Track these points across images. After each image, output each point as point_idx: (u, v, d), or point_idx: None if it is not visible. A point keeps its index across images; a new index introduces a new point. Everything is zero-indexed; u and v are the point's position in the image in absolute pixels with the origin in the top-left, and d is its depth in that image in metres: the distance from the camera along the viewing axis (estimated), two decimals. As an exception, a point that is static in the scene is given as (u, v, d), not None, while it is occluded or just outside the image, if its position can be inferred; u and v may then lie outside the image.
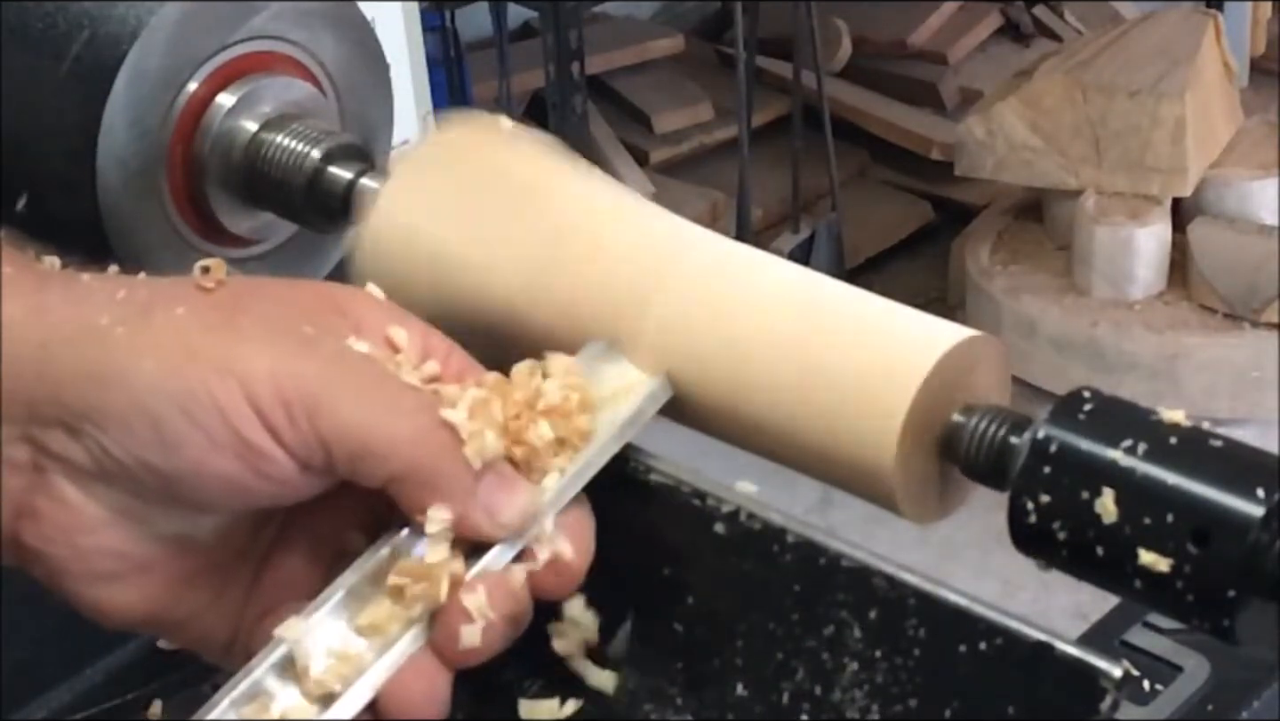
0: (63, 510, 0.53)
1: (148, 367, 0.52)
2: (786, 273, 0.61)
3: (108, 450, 0.53)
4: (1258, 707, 0.75)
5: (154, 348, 0.53)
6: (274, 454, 0.53)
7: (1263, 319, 2.70)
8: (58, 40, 0.70)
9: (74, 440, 0.53)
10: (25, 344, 0.53)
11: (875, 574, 0.53)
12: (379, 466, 0.53)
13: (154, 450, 0.52)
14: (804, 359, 0.57)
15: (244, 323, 0.54)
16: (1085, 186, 2.80)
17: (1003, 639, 0.51)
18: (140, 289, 0.55)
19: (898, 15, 3.67)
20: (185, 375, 0.52)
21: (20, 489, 0.54)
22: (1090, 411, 0.52)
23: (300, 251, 0.79)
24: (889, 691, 0.53)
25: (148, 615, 0.56)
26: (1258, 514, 0.48)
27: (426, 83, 1.64)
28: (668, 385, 0.59)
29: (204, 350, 0.53)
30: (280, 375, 0.53)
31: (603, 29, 3.57)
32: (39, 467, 0.53)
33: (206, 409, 0.52)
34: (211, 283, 0.56)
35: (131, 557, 0.55)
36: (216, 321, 0.54)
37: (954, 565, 2.28)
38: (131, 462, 0.53)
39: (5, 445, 0.53)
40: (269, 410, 0.52)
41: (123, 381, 0.52)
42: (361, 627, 0.53)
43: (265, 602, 0.56)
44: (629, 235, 0.62)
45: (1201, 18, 2.99)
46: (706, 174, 3.40)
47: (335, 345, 0.55)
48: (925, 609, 0.52)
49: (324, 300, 0.57)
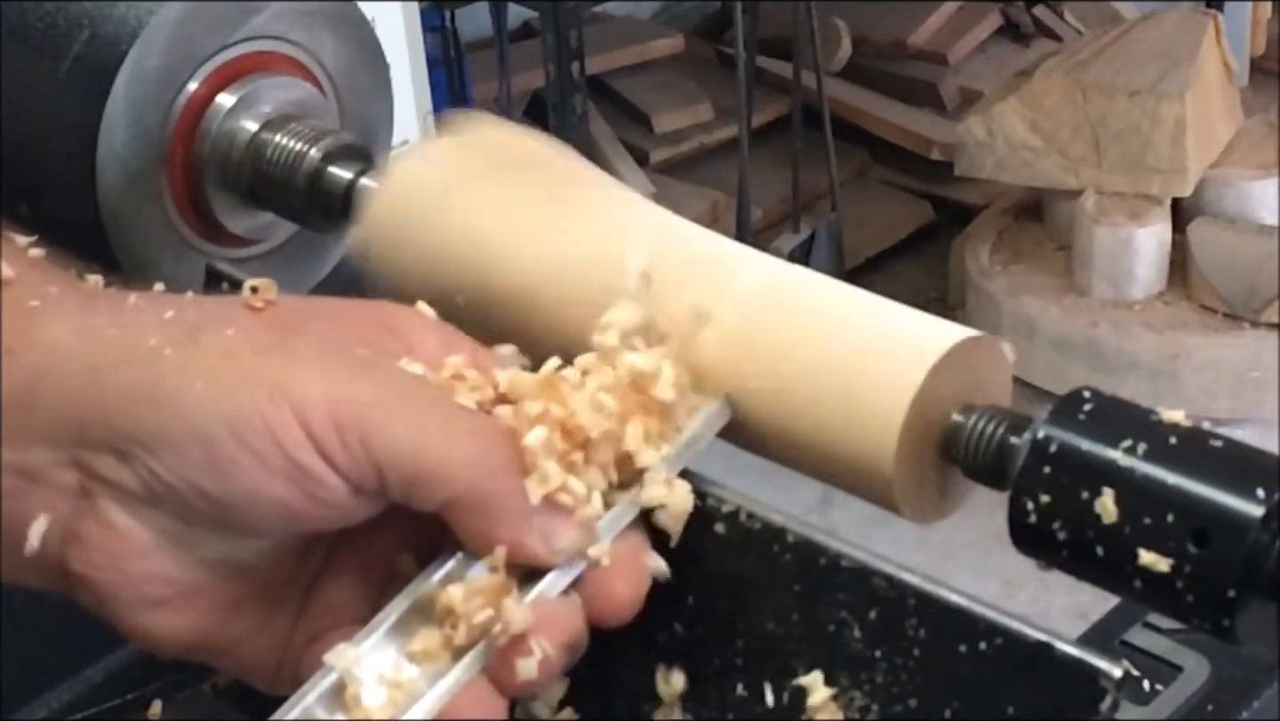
0: (110, 535, 0.53)
1: (198, 390, 0.52)
2: (784, 272, 0.61)
3: (157, 474, 0.52)
4: (1258, 707, 0.75)
5: (204, 370, 0.52)
6: (327, 478, 0.52)
7: (1263, 319, 2.70)
8: (58, 40, 0.70)
9: (123, 464, 0.52)
10: (73, 366, 0.52)
11: (875, 574, 0.53)
12: (434, 491, 0.52)
13: (205, 474, 0.51)
14: (804, 359, 0.57)
15: (296, 344, 0.53)
16: (1085, 186, 2.80)
17: (1003, 639, 0.51)
18: (189, 309, 0.54)
19: (898, 15, 3.67)
20: (237, 398, 0.51)
21: (67, 514, 0.53)
22: (1090, 411, 0.52)
23: (300, 251, 0.79)
24: (889, 691, 0.53)
25: (195, 641, 0.55)
26: (1258, 514, 0.48)
27: (426, 83, 1.64)
28: (727, 408, 0.57)
29: (256, 372, 0.52)
30: (334, 398, 0.52)
31: (603, 29, 3.57)
32: (86, 492, 0.53)
33: (258, 432, 0.51)
34: (261, 302, 0.55)
35: (179, 583, 0.54)
36: (268, 343, 0.53)
37: (954, 565, 2.28)
38: (182, 486, 0.52)
39: (52, 469, 0.53)
40: (322, 433, 0.51)
41: (173, 404, 0.52)
42: (414, 654, 0.52)
43: (314, 627, 0.55)
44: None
45: (1201, 18, 2.99)
46: (706, 174, 3.40)
47: (388, 366, 0.54)
48: (925, 609, 0.52)
49: (375, 320, 0.56)
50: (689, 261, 0.61)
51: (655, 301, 0.59)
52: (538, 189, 0.63)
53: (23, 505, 0.53)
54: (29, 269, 0.55)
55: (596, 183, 0.65)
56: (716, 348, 0.58)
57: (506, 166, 0.64)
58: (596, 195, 0.64)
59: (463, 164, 0.65)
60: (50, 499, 0.53)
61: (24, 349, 0.52)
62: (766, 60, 3.54)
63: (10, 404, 0.52)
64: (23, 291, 0.54)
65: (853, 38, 3.57)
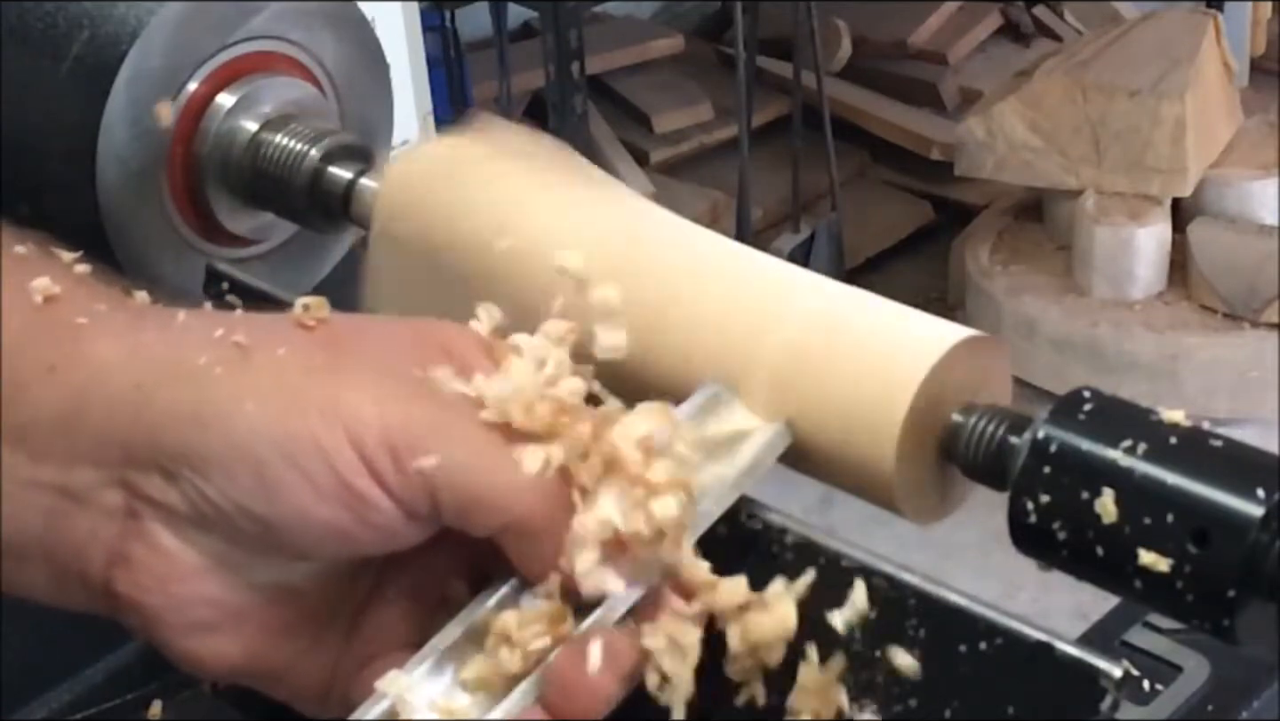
0: (158, 557, 0.52)
1: (249, 410, 0.51)
2: (782, 273, 0.61)
3: (206, 495, 0.51)
4: (1258, 707, 0.75)
5: (255, 389, 0.51)
6: (379, 502, 0.50)
7: (1263, 319, 2.70)
8: (58, 40, 0.70)
9: (171, 485, 0.51)
10: (120, 385, 0.51)
11: (875, 574, 0.53)
12: (488, 516, 0.51)
13: (255, 496, 0.50)
14: (804, 359, 0.57)
15: (348, 364, 0.52)
16: (1085, 186, 2.80)
17: (1003, 639, 0.51)
18: (238, 327, 0.53)
19: (898, 15, 3.67)
20: (288, 419, 0.50)
21: (114, 535, 0.52)
22: (1090, 411, 0.52)
23: (300, 251, 0.79)
24: (889, 691, 0.53)
25: (243, 666, 0.54)
26: (1258, 514, 0.48)
27: (426, 83, 1.64)
28: (786, 431, 0.56)
29: (307, 393, 0.51)
30: (387, 420, 0.50)
31: (603, 29, 3.57)
32: (133, 513, 0.52)
33: (310, 454, 0.50)
34: (312, 320, 0.54)
35: (227, 606, 0.53)
36: (319, 362, 0.52)
37: (954, 565, 2.27)
38: (231, 509, 0.51)
39: (99, 489, 0.52)
40: (375, 456, 0.50)
41: (223, 424, 0.51)
42: (467, 682, 0.51)
43: (363, 652, 0.54)
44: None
45: (1201, 18, 2.99)
46: (706, 174, 3.40)
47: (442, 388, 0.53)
48: (925, 609, 0.52)
49: (428, 339, 0.55)
50: (684, 261, 0.61)
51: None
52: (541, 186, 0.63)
53: (68, 526, 0.52)
54: (75, 285, 0.54)
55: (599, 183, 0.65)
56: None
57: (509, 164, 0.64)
58: (600, 195, 0.64)
59: (465, 161, 0.65)
60: (96, 520, 0.52)
61: (70, 366, 0.51)
62: (766, 60, 3.54)
63: (55, 422, 0.51)
64: (69, 308, 0.53)
65: (853, 38, 3.57)
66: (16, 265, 0.54)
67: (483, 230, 0.62)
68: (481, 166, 0.64)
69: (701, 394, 0.57)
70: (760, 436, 0.56)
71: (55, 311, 0.53)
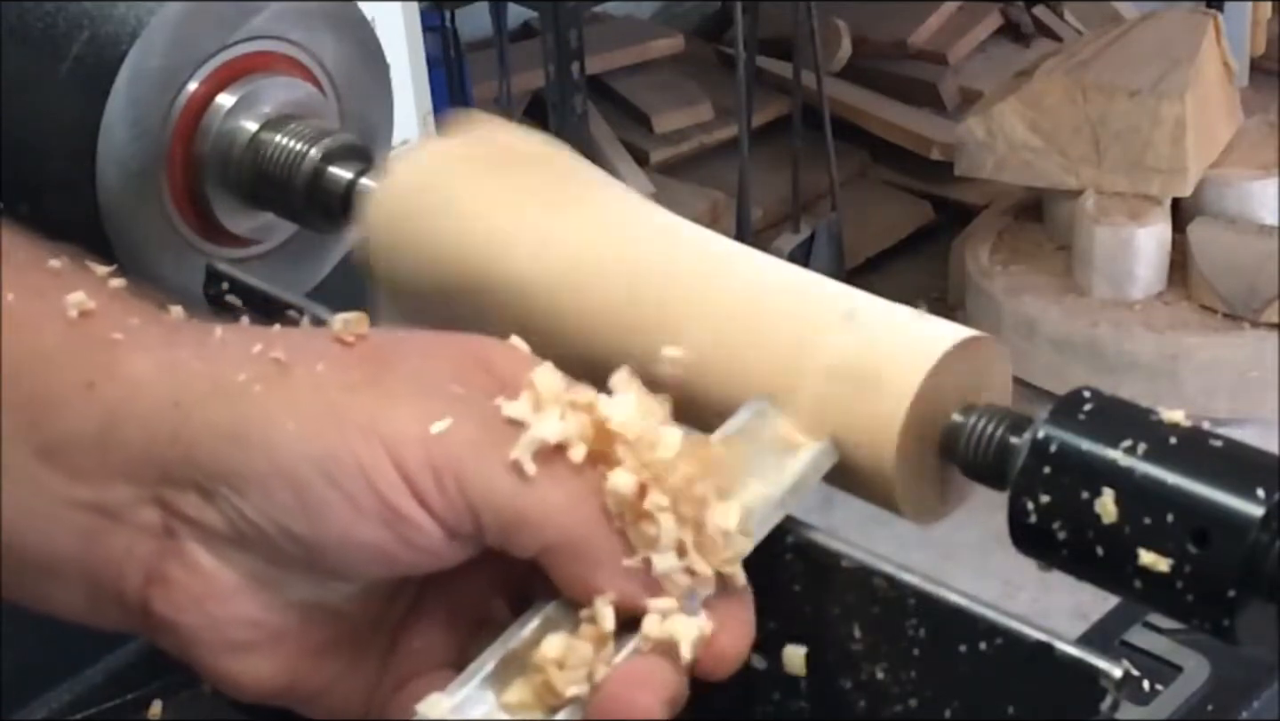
0: (195, 577, 0.51)
1: (289, 429, 0.50)
2: (782, 273, 0.61)
3: (245, 514, 0.50)
4: (1258, 707, 0.75)
5: (294, 407, 0.50)
6: (421, 522, 0.50)
7: (1263, 319, 2.70)
8: (58, 40, 0.70)
9: (208, 503, 0.50)
10: (157, 402, 0.50)
11: (875, 574, 0.53)
12: (531, 536, 0.50)
13: (294, 516, 0.50)
14: (804, 359, 0.57)
15: (389, 381, 0.51)
16: (1085, 186, 2.80)
17: (1003, 639, 0.51)
18: (277, 343, 0.52)
19: (898, 15, 3.67)
20: (328, 437, 0.50)
21: (150, 554, 0.51)
22: (1090, 411, 0.52)
23: (300, 251, 0.79)
24: (889, 691, 0.53)
25: (281, 686, 0.53)
26: (1258, 514, 0.48)
27: (426, 83, 1.64)
28: (832, 449, 0.55)
29: (348, 410, 0.50)
30: (429, 438, 0.50)
31: (603, 29, 3.57)
32: (170, 532, 0.51)
33: (351, 473, 0.49)
34: (352, 336, 0.53)
35: (265, 626, 0.52)
36: (360, 379, 0.51)
37: (954, 565, 2.28)
38: (270, 528, 0.50)
39: (135, 507, 0.51)
40: (417, 475, 0.49)
41: (262, 443, 0.50)
42: (509, 705, 0.50)
43: (401, 671, 0.54)
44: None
45: (1201, 18, 2.99)
46: (706, 174, 3.40)
47: (485, 405, 0.51)
48: (925, 609, 0.52)
49: (470, 356, 0.54)
50: (679, 262, 0.61)
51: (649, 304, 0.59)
52: (539, 185, 0.63)
53: (103, 545, 0.51)
54: (109, 300, 0.53)
55: (599, 183, 0.65)
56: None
57: (507, 163, 0.64)
58: (599, 195, 0.64)
59: (462, 162, 0.65)
60: (132, 538, 0.51)
61: (105, 382, 0.51)
62: (766, 60, 3.54)
63: (91, 439, 0.50)
64: (104, 324, 0.52)
65: (853, 38, 3.57)
66: (51, 280, 0.53)
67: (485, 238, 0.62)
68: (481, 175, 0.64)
69: (746, 410, 0.56)
70: (806, 454, 0.55)
71: (90, 327, 0.52)
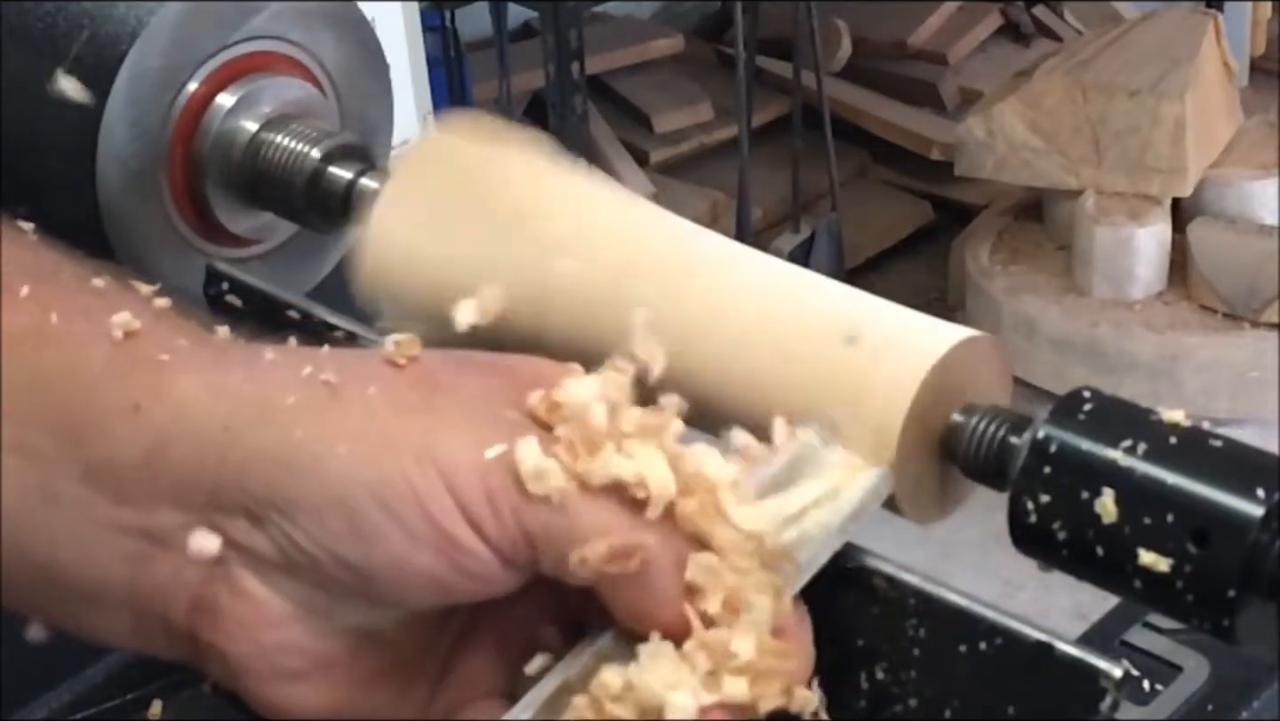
0: (244, 604, 0.50)
1: (341, 453, 0.49)
2: (783, 273, 0.61)
3: (295, 541, 0.49)
4: (1258, 707, 0.75)
5: (346, 431, 0.49)
6: (477, 549, 0.48)
7: (1263, 319, 2.70)
8: (58, 40, 0.70)
9: (258, 529, 0.49)
10: (206, 425, 0.49)
11: (875, 574, 0.53)
12: (587, 564, 0.49)
13: (346, 542, 0.48)
14: (804, 359, 0.57)
15: (442, 405, 0.50)
16: (1085, 186, 2.80)
17: (1003, 639, 0.51)
18: (327, 365, 0.51)
19: (898, 15, 3.67)
20: (381, 462, 0.48)
21: (198, 580, 0.50)
22: (1090, 411, 0.52)
23: (300, 251, 0.79)
24: (889, 691, 0.53)
25: (330, 715, 0.52)
26: (1258, 514, 0.48)
27: (426, 83, 1.64)
28: (889, 476, 0.54)
29: (401, 435, 0.49)
30: (484, 464, 0.48)
31: (603, 29, 3.57)
32: (219, 558, 0.50)
33: (405, 499, 0.48)
34: (404, 359, 0.52)
35: (315, 655, 0.51)
36: (413, 403, 0.50)
37: (954, 565, 2.28)
38: (321, 555, 0.49)
39: (182, 533, 0.50)
40: (472, 502, 0.48)
41: (313, 467, 0.49)
42: None
43: (451, 699, 0.53)
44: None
45: (1201, 18, 2.99)
46: (706, 174, 3.40)
47: (540, 431, 0.50)
48: (925, 609, 0.52)
49: (524, 379, 0.52)
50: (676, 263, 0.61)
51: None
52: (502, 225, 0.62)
53: (149, 570, 0.50)
54: (155, 320, 0.52)
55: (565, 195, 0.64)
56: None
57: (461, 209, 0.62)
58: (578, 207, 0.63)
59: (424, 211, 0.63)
60: (179, 563, 0.50)
61: (153, 405, 0.50)
62: (766, 60, 3.54)
63: (138, 462, 0.50)
64: (151, 345, 0.51)
65: (853, 38, 3.57)
66: (95, 300, 0.52)
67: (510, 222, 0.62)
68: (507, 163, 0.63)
69: (804, 434, 0.54)
70: (864, 480, 0.54)
71: (136, 348, 0.51)
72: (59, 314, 0.51)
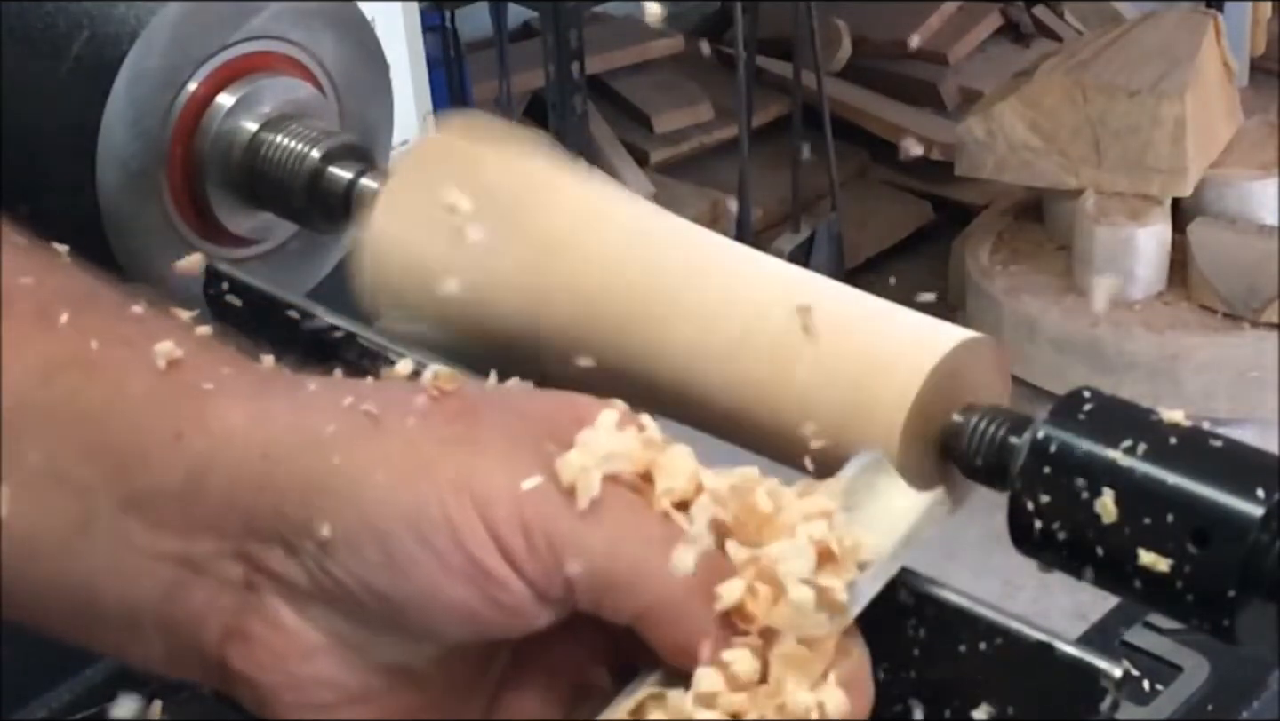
0: (277, 634, 0.50)
1: (378, 481, 0.48)
2: (783, 273, 0.61)
3: (328, 570, 0.48)
4: (1258, 707, 0.75)
5: (384, 460, 0.49)
6: (510, 582, 0.48)
7: (1263, 319, 2.70)
8: (58, 40, 0.70)
9: (292, 558, 0.49)
10: (246, 453, 0.49)
11: (875, 574, 0.53)
12: (626, 601, 0.48)
13: (379, 571, 0.48)
14: (804, 360, 0.57)
15: (481, 436, 0.50)
16: (1085, 186, 2.80)
17: (1003, 639, 0.51)
18: (369, 396, 0.51)
19: (898, 15, 3.67)
20: (417, 491, 0.48)
21: (231, 609, 0.50)
22: (1090, 411, 0.52)
23: (300, 251, 0.79)
24: (889, 691, 0.53)
25: None
26: (1258, 514, 0.48)
27: (426, 83, 1.64)
28: (945, 500, 0.54)
29: (438, 465, 0.49)
30: (520, 496, 0.48)
31: (603, 29, 3.57)
32: (252, 586, 0.50)
33: (439, 528, 0.48)
34: (443, 390, 0.51)
35: (346, 688, 0.50)
36: (452, 434, 0.50)
37: (954, 565, 2.27)
38: (353, 584, 0.48)
39: (218, 560, 0.50)
40: (507, 534, 0.48)
41: (350, 496, 0.48)
42: None
43: None
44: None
45: (1201, 18, 2.99)
46: (706, 174, 3.40)
47: None
48: (925, 609, 0.52)
49: (564, 412, 0.51)
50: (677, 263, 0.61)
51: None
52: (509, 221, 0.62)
53: (184, 597, 0.50)
54: (198, 349, 0.52)
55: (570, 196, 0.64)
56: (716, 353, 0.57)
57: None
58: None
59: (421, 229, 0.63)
60: (213, 592, 0.50)
61: (194, 433, 0.50)
62: (766, 60, 3.54)
63: (177, 490, 0.49)
64: (194, 373, 0.51)
65: (853, 38, 3.57)
66: (137, 327, 0.52)
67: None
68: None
69: (859, 461, 0.54)
70: (919, 505, 0.54)
71: (180, 376, 0.51)
72: (99, 341, 0.51)
